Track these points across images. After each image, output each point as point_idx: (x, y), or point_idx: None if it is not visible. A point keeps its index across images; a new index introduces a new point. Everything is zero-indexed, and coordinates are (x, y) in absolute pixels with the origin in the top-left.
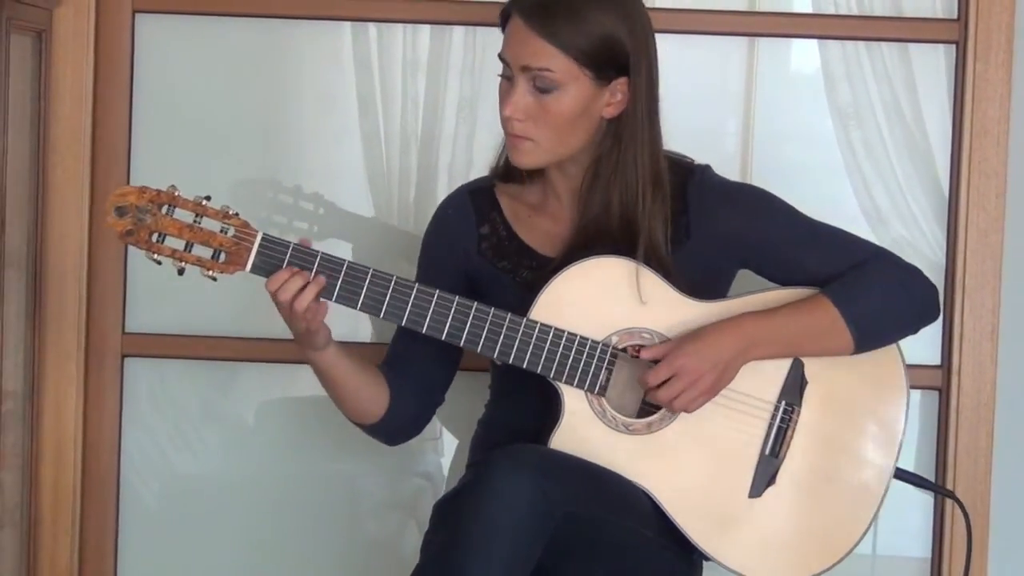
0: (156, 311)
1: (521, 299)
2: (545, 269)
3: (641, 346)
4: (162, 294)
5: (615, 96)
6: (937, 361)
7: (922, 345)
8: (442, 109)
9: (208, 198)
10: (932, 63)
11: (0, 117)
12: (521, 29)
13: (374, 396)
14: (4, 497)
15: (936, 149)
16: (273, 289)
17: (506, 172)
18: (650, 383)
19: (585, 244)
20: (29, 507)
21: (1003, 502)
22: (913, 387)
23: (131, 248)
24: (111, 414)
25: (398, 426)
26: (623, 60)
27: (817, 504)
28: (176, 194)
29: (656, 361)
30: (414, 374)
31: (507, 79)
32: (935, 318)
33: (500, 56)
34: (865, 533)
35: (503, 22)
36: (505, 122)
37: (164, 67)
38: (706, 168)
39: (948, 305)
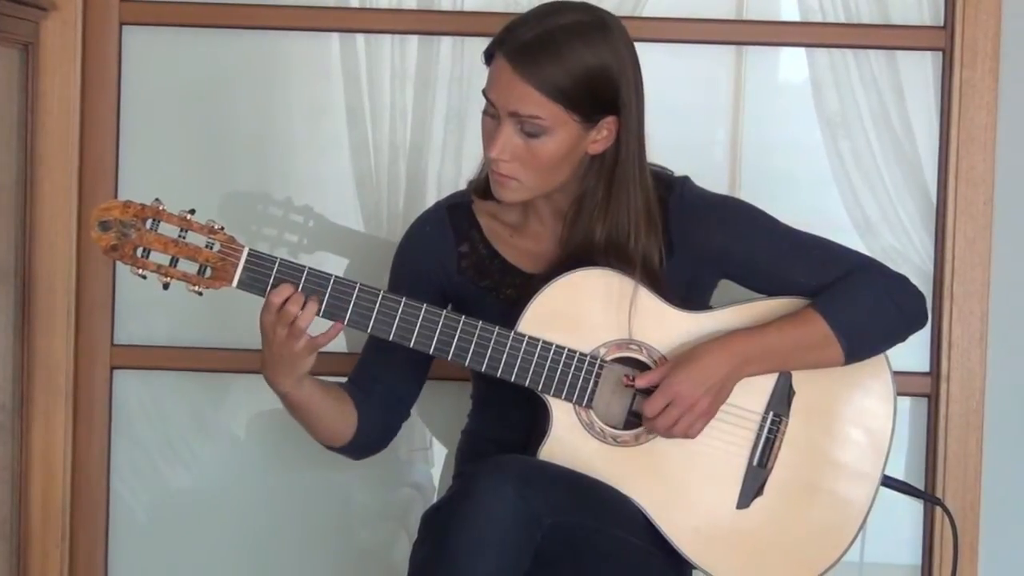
0: (145, 323)
1: (505, 317)
2: (527, 286)
3: (631, 360)
4: (151, 306)
5: (601, 133)
6: (926, 368)
7: (911, 352)
8: (430, 120)
9: (193, 212)
10: (919, 71)
11: None
12: (507, 72)
13: (343, 420)
14: None
15: (924, 157)
16: (279, 301)
17: (485, 188)
18: (647, 414)
19: (570, 266)
20: (19, 521)
21: (993, 508)
22: (902, 394)
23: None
24: (100, 427)
25: (365, 445)
26: (611, 99)
27: (804, 514)
28: (160, 208)
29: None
30: (380, 391)
31: (491, 116)
32: (923, 325)
33: (485, 94)
34: (852, 542)
35: (487, 59)
36: (491, 162)
37: (151, 79)
38: (686, 181)
39: (936, 312)
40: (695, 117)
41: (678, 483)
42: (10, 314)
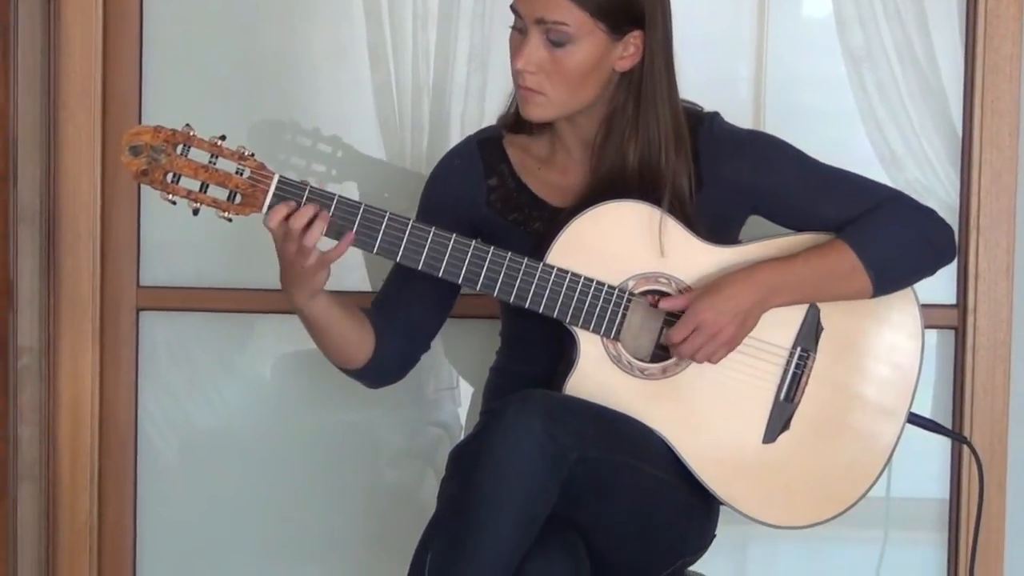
0: (171, 264)
1: (533, 251)
2: (556, 220)
3: (659, 293)
4: (176, 247)
5: (628, 49)
6: (953, 300)
7: (937, 284)
8: (453, 59)
9: (223, 138)
10: (943, 2)
11: (10, 72)
12: None
13: (360, 342)
14: (22, 452)
15: (949, 89)
16: (280, 217)
17: (515, 122)
18: (672, 339)
19: (600, 195)
20: (47, 462)
21: (1021, 440)
22: (929, 327)
23: (144, 201)
24: (127, 369)
25: (382, 372)
26: (638, 12)
27: (830, 450)
28: (191, 134)
29: (674, 314)
30: (402, 319)
31: (519, 31)
32: (951, 259)
33: (512, 7)
34: (878, 478)
35: None
36: (516, 75)
37: (173, 21)
38: (715, 116)
39: (963, 244)
40: (719, 53)
41: (704, 417)
42: (36, 257)
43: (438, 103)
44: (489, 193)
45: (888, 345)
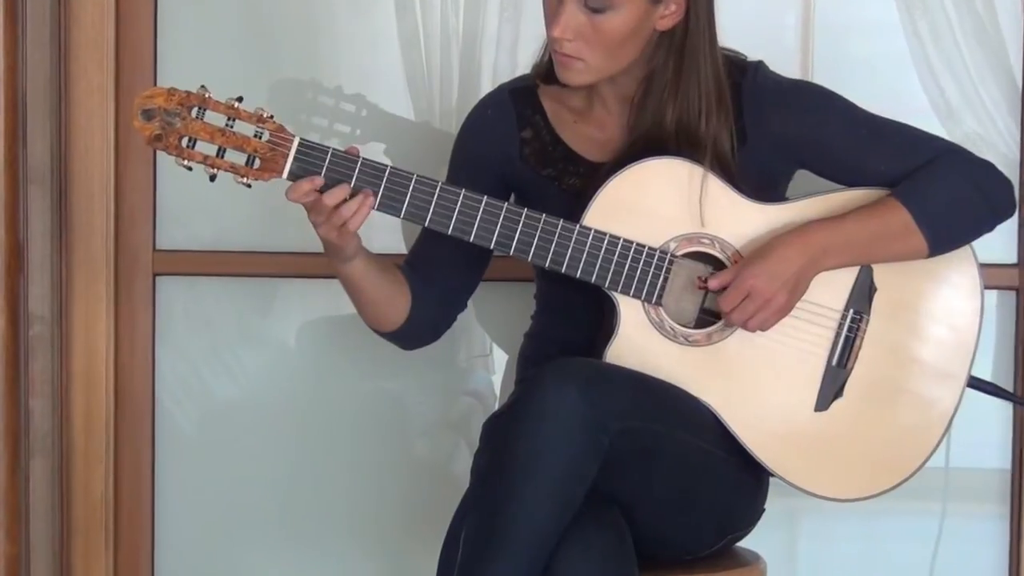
0: (188, 226)
1: (567, 207)
2: (592, 176)
3: (702, 254)
4: (194, 208)
5: (669, 8)
6: (1013, 260)
7: (997, 243)
8: (484, 7)
9: (240, 99)
10: None
11: (18, 24)
12: None
13: (396, 304)
14: (34, 425)
15: (1008, 35)
16: (301, 192)
17: (549, 72)
18: (723, 308)
19: (638, 153)
20: (60, 435)
21: None
22: (988, 287)
23: (160, 160)
24: (143, 336)
25: (417, 333)
26: None
27: (887, 417)
28: (207, 96)
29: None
30: (437, 280)
31: None
32: (1011, 214)
33: None
34: (937, 447)
35: None
36: (554, 42)
37: None
38: (759, 65)
39: None
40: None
41: (752, 385)
42: (47, 220)
43: (468, 53)
44: (523, 146)
45: (945, 305)
